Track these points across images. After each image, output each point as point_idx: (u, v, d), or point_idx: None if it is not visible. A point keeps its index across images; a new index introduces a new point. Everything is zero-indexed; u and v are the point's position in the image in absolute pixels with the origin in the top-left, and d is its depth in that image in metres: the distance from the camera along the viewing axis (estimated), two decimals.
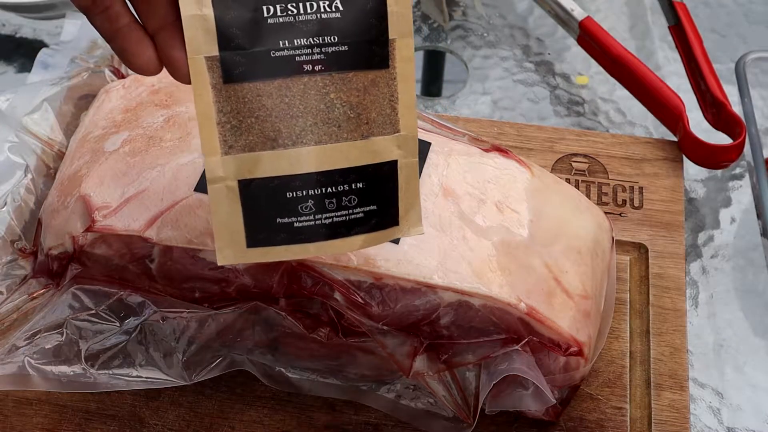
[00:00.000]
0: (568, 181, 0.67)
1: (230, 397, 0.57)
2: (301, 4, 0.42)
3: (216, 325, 0.53)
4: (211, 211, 0.44)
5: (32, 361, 0.52)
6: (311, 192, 0.44)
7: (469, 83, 0.80)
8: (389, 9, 0.44)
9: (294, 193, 0.44)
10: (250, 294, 0.53)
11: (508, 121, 0.72)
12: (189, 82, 0.43)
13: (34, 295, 0.55)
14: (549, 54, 0.82)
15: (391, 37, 0.44)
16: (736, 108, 0.69)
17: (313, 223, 0.44)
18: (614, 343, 0.59)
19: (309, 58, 0.43)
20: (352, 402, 0.56)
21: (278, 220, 0.44)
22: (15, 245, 0.56)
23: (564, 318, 0.51)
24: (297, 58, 0.43)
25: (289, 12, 0.42)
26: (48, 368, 0.52)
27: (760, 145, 0.68)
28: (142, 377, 0.53)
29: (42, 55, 0.66)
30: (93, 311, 0.53)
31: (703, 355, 0.62)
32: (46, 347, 0.52)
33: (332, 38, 0.43)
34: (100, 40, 0.67)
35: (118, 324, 0.53)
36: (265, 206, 0.44)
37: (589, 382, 0.57)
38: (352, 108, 0.44)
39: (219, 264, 0.44)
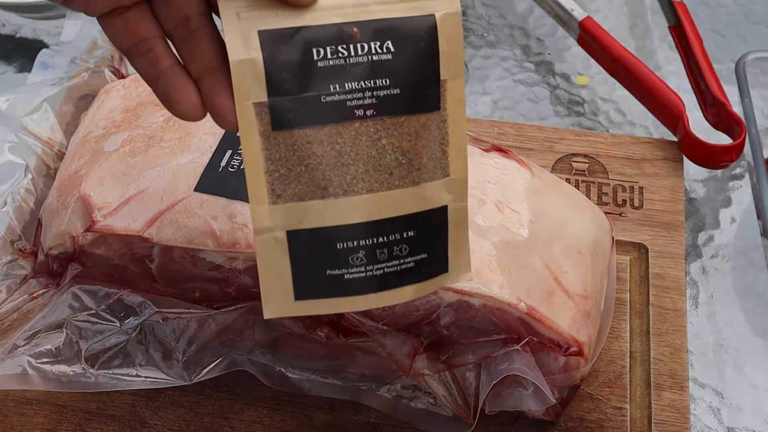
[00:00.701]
0: (568, 181, 0.67)
1: (230, 397, 0.57)
2: (351, 46, 0.40)
3: (216, 325, 0.53)
4: (258, 262, 0.42)
5: (32, 361, 0.52)
6: (362, 242, 0.42)
7: (469, 83, 0.80)
8: (441, 49, 0.42)
9: (344, 244, 0.41)
10: (250, 294, 0.53)
11: (508, 121, 0.72)
12: (235, 129, 0.41)
13: (34, 295, 0.55)
14: (549, 54, 0.82)
15: (442, 78, 0.42)
16: (736, 108, 0.69)
17: (364, 275, 0.42)
18: (614, 343, 0.59)
19: (360, 102, 0.41)
20: (352, 402, 0.56)
21: (328, 272, 0.42)
22: (15, 245, 0.56)
23: (564, 318, 0.51)
24: (348, 103, 0.40)
25: (340, 54, 0.40)
26: (48, 368, 0.52)
27: (760, 145, 0.68)
28: (142, 377, 0.53)
29: (42, 55, 0.66)
30: (93, 311, 0.53)
31: (703, 355, 0.62)
32: (46, 347, 0.52)
33: (384, 81, 0.41)
34: (101, 40, 0.67)
35: (118, 324, 0.53)
36: (314, 258, 0.42)
37: (589, 382, 0.57)
38: (403, 153, 0.42)
39: (265, 318, 0.42)
